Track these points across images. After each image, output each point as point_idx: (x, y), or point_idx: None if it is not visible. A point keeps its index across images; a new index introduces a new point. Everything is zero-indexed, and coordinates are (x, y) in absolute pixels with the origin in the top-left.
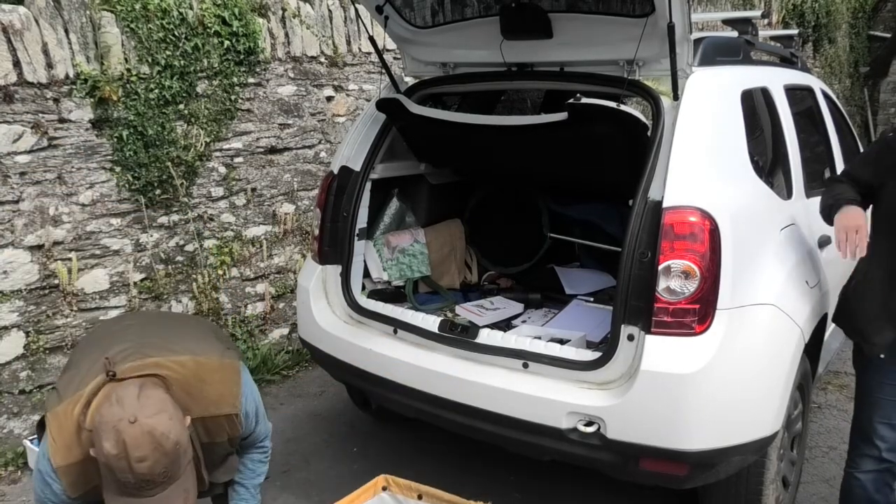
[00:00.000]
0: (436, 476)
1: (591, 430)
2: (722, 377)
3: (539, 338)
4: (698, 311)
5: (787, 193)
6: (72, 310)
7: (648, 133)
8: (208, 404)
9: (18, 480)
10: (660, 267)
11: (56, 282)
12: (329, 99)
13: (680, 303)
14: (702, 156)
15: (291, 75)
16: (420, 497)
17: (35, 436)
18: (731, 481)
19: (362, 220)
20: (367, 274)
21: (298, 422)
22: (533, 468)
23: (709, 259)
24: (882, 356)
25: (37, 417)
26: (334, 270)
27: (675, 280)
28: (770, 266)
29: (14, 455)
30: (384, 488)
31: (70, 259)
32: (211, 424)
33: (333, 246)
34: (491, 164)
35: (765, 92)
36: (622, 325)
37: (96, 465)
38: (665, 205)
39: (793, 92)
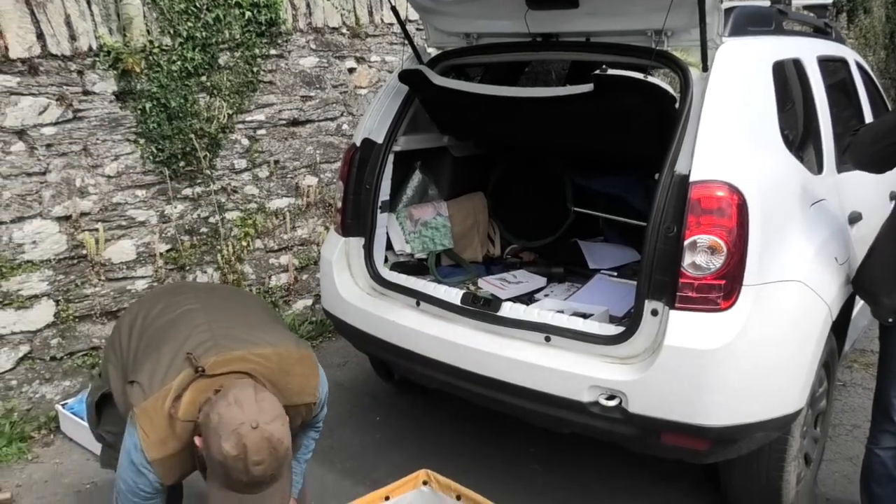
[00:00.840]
0: (456, 447)
1: (612, 403)
2: (746, 354)
3: (562, 312)
4: (724, 287)
5: (817, 168)
6: (100, 279)
7: (676, 105)
8: (291, 394)
9: (51, 443)
10: (685, 242)
11: (84, 252)
12: (351, 70)
13: (705, 278)
14: (731, 129)
15: (313, 47)
16: (459, 498)
17: (66, 401)
18: (753, 457)
19: (385, 193)
20: (389, 246)
21: None
22: (553, 440)
23: (736, 234)
24: (891, 320)
25: (67, 383)
26: (357, 243)
27: (701, 255)
28: (798, 242)
29: (47, 419)
30: (425, 482)
31: (97, 230)
32: (290, 412)
33: (356, 218)
34: (514, 137)
35: (797, 63)
36: (646, 300)
37: (189, 455)
38: (692, 179)
39: (826, 63)
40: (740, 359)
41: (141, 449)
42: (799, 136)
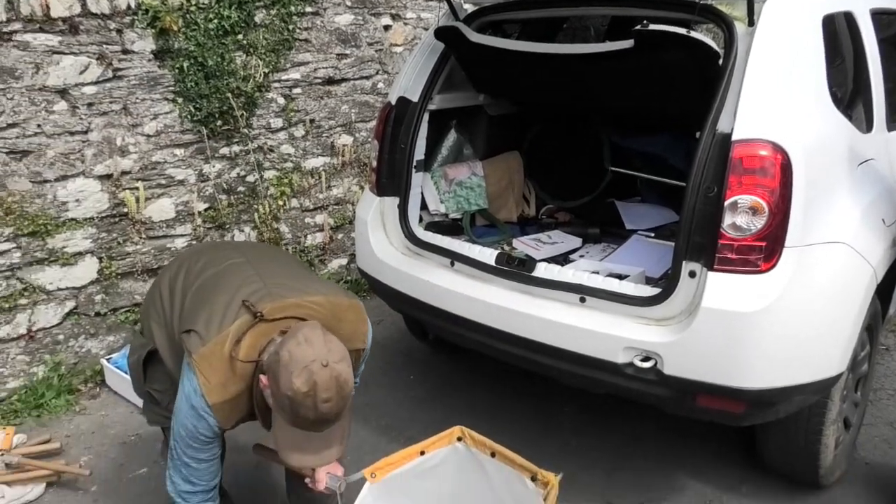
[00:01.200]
0: (490, 406)
1: (647, 365)
2: (787, 316)
3: (597, 272)
4: (765, 249)
5: (866, 126)
6: (140, 237)
7: (720, 61)
8: (343, 340)
9: (97, 396)
10: (726, 202)
11: (125, 210)
12: (386, 28)
13: (746, 240)
14: (776, 86)
15: (349, 4)
16: (493, 454)
17: (111, 356)
18: (791, 420)
19: (420, 152)
20: (424, 206)
21: None
22: (587, 400)
23: (779, 195)
24: None
25: (111, 338)
26: (392, 202)
27: (742, 216)
28: (844, 203)
29: (92, 373)
30: (459, 439)
31: (137, 188)
32: None
33: (391, 178)
34: (552, 95)
35: (848, 17)
36: (684, 262)
37: (247, 400)
38: (734, 137)
39: (879, 17)
40: (780, 321)
41: (201, 394)
42: (848, 93)
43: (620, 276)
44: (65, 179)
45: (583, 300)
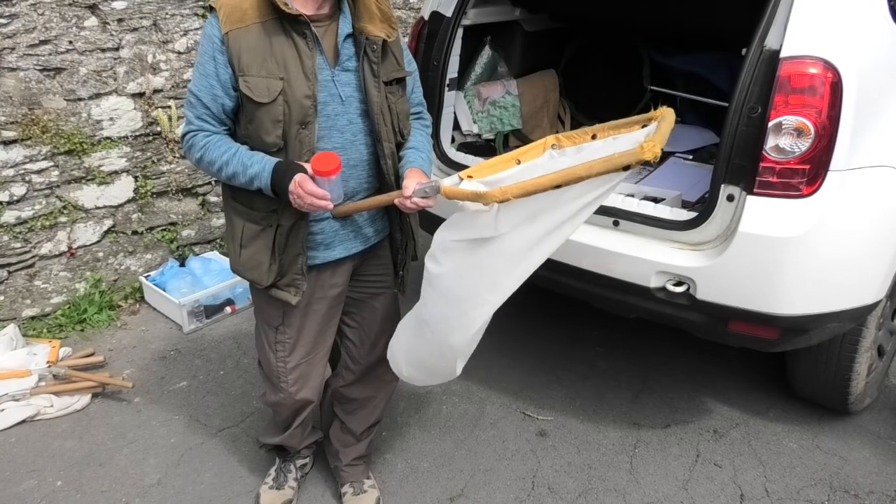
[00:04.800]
0: (519, 329)
1: (680, 290)
2: (826, 242)
3: (632, 195)
4: (808, 172)
5: None
6: (174, 156)
7: None
8: None
9: (137, 312)
10: (770, 123)
11: (158, 129)
12: None
13: (789, 162)
14: None
15: None
16: (594, 137)
17: (149, 274)
18: (824, 347)
19: (453, 70)
20: (456, 126)
21: None
22: (616, 324)
23: (826, 116)
24: None
25: (149, 256)
26: None
27: (786, 138)
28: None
29: (132, 290)
30: (553, 146)
31: (169, 107)
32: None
33: (424, 96)
34: (590, 8)
35: None
36: (722, 185)
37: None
38: (783, 54)
39: None
40: (819, 247)
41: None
42: None
43: (656, 200)
44: (98, 97)
45: (616, 223)
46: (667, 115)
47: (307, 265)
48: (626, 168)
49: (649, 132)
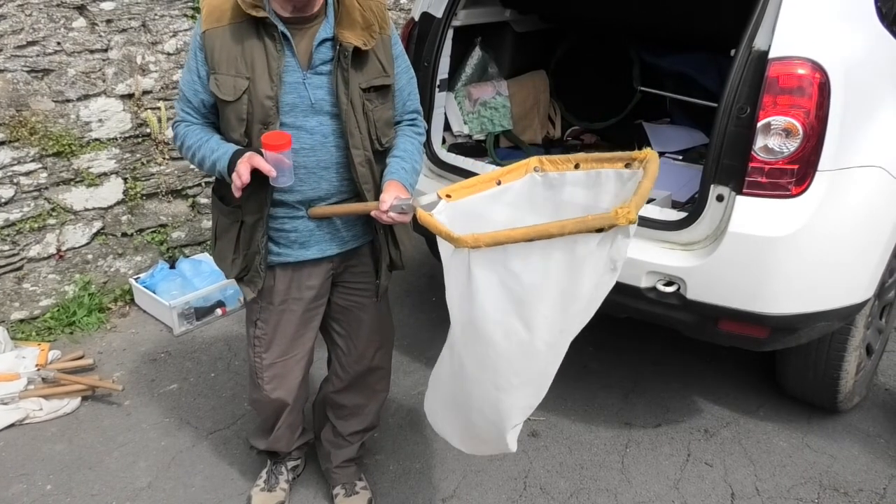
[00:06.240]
0: None
1: (670, 289)
2: (815, 242)
3: None
4: (796, 172)
5: None
6: (164, 158)
7: None
8: None
9: (127, 315)
10: (759, 123)
11: (148, 131)
12: None
13: (777, 163)
14: (818, 0)
15: None
16: (577, 166)
17: (139, 276)
18: (813, 345)
19: (443, 71)
20: (447, 127)
21: None
22: (607, 324)
23: (814, 116)
24: None
25: (139, 258)
26: None
27: (775, 138)
28: (884, 125)
29: (122, 292)
30: (535, 168)
31: (159, 108)
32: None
33: None
34: (580, 10)
35: None
36: (712, 185)
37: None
38: (772, 55)
39: None
40: (808, 247)
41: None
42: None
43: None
44: (87, 99)
45: None
46: (651, 159)
47: (279, 263)
48: (599, 231)
49: (630, 184)
